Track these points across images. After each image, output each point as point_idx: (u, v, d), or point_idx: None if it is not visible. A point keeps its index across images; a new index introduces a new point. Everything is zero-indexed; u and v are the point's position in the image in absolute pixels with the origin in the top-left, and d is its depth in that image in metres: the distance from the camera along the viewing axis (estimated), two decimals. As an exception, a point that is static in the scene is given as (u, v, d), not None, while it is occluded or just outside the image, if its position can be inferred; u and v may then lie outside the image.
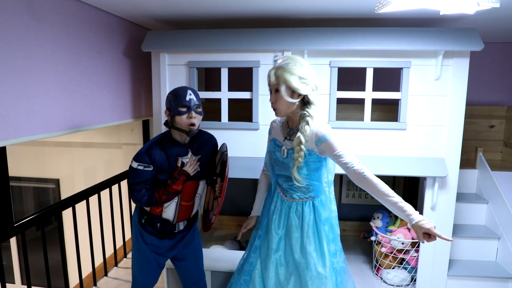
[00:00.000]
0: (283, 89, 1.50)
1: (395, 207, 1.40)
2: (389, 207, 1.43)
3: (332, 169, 1.71)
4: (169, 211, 1.80)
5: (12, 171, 2.24)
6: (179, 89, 1.72)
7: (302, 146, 1.52)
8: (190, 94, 1.69)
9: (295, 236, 1.65)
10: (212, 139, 1.90)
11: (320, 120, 1.57)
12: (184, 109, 1.67)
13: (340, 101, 2.32)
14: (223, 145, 1.91)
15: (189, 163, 1.74)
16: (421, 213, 2.40)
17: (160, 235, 1.83)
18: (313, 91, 1.54)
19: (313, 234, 1.63)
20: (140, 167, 1.66)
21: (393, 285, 2.49)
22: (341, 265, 1.68)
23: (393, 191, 1.43)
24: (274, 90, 1.54)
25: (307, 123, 1.52)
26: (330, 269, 1.61)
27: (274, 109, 1.56)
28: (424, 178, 2.30)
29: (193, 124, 1.68)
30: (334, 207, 1.70)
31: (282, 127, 1.70)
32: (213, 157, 1.89)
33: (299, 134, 1.52)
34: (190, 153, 1.77)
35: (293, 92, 1.51)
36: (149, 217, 1.82)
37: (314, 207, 1.65)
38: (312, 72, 1.54)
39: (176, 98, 1.68)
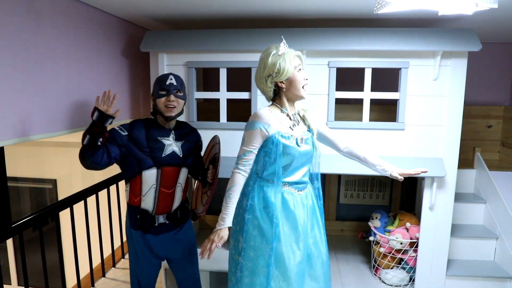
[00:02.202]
0: None
1: (374, 168, 1.73)
2: (375, 170, 1.74)
3: None
4: (148, 199, 1.75)
5: (9, 171, 2.23)
6: (162, 75, 1.79)
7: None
8: (171, 79, 1.75)
9: (317, 221, 1.71)
10: (195, 132, 1.93)
11: None
12: (163, 92, 1.73)
13: (338, 101, 2.32)
14: (215, 136, 1.95)
15: (103, 99, 1.62)
16: (419, 213, 2.42)
17: (142, 228, 1.79)
18: None
19: (319, 209, 1.73)
20: (117, 128, 1.71)
21: (391, 285, 2.49)
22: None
23: (373, 155, 1.74)
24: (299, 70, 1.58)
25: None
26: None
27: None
28: (423, 178, 2.30)
29: (171, 107, 1.71)
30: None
31: (280, 118, 1.58)
32: (196, 148, 1.90)
33: (307, 111, 1.70)
34: (172, 136, 1.79)
35: None
36: (131, 210, 1.80)
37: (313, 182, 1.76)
38: None
39: (158, 82, 1.75)
